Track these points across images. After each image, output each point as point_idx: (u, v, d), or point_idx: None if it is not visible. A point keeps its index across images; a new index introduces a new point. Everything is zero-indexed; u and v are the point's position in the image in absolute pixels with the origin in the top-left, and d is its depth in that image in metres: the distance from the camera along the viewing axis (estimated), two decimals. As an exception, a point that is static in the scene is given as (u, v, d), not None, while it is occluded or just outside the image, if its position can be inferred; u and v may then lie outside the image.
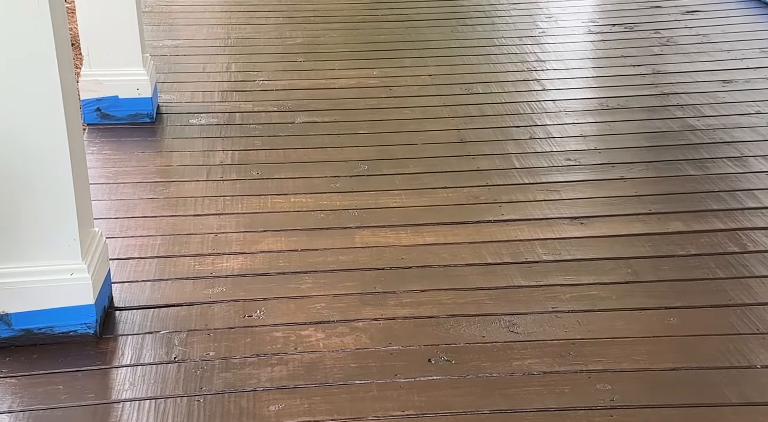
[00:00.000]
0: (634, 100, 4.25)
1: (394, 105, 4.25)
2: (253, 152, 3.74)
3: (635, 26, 5.29)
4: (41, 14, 2.21)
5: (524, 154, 3.71)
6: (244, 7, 5.72)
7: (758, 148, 3.73)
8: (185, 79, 4.54)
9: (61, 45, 2.32)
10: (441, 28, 5.32)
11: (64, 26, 2.37)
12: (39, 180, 2.37)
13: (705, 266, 2.90)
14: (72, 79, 2.44)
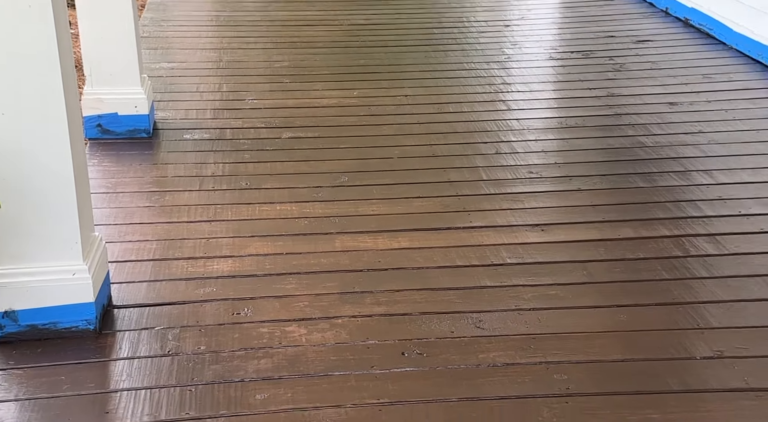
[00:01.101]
0: (590, 120, 4.26)
1: (373, 122, 4.24)
2: (242, 164, 3.72)
3: (591, 53, 5.30)
4: (48, 42, 2.23)
5: (491, 167, 3.71)
6: (235, 33, 5.69)
7: (700, 163, 3.75)
8: (180, 98, 4.50)
9: (66, 68, 2.33)
10: (416, 54, 5.31)
11: (69, 51, 2.37)
12: (45, 189, 2.37)
13: (652, 269, 2.92)
14: (75, 98, 2.44)
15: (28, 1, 2.18)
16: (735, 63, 5.08)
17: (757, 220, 3.25)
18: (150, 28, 5.72)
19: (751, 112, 4.35)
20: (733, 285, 2.82)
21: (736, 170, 3.68)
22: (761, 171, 3.68)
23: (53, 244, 2.43)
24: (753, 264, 2.96)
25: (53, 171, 2.36)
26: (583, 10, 6.30)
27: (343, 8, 6.31)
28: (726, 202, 3.39)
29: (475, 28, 5.84)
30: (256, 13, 6.19)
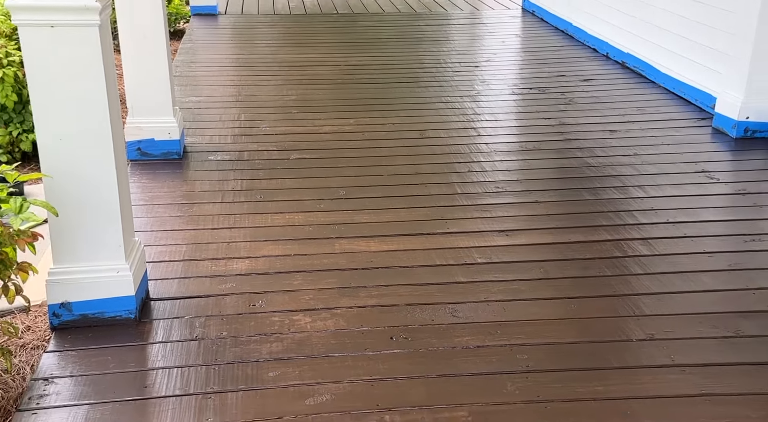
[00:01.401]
0: (546, 144, 4.26)
1: (366, 146, 4.23)
2: (257, 181, 3.71)
3: (546, 89, 5.31)
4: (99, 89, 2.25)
5: (464, 183, 3.71)
6: (251, 72, 5.67)
7: (635, 180, 3.76)
8: (206, 126, 4.48)
9: (113, 106, 2.34)
10: (402, 89, 5.30)
11: (115, 92, 2.38)
12: (95, 201, 2.37)
13: (597, 267, 2.93)
14: (120, 128, 2.45)
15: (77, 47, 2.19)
16: (663, 98, 5.10)
17: (681, 227, 3.27)
18: (181, 69, 5.70)
19: (675, 138, 4.37)
20: (662, 280, 2.84)
21: (664, 186, 3.69)
22: (684, 186, 3.69)
23: (101, 247, 2.43)
24: (678, 263, 2.97)
25: (102, 187, 2.36)
26: (539, 54, 6.31)
27: (341, 52, 6.30)
28: (656, 212, 3.40)
29: (451, 68, 5.84)
30: (268, 56, 6.17)
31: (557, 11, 7.15)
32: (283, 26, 7.32)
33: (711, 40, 4.68)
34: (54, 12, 2.14)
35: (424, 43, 6.70)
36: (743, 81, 4.24)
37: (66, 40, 2.18)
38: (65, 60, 2.20)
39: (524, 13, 7.90)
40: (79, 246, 2.42)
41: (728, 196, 3.64)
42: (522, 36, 7.06)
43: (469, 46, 6.73)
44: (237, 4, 8.26)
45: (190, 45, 6.49)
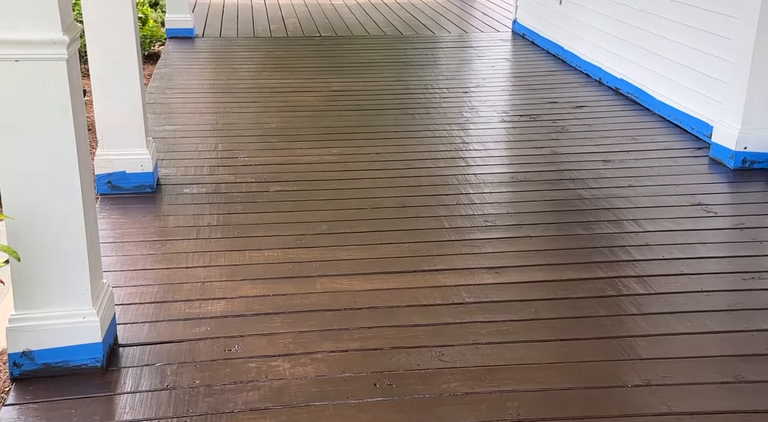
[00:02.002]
0: (537, 175, 4.28)
1: (349, 177, 4.23)
2: (235, 215, 3.69)
3: (537, 117, 5.34)
4: (65, 119, 2.24)
5: (452, 217, 3.71)
6: (230, 99, 5.68)
7: (630, 213, 3.78)
8: (181, 157, 4.47)
9: (80, 138, 2.34)
10: (387, 116, 5.31)
11: (83, 123, 2.38)
12: (60, 243, 2.36)
13: (590, 306, 2.93)
14: (88, 161, 2.44)
15: (43, 82, 2.19)
16: (658, 126, 5.16)
17: (678, 264, 3.28)
18: (155, 96, 5.70)
19: (671, 169, 4.41)
20: (658, 321, 2.84)
21: (660, 220, 3.71)
22: (680, 220, 3.72)
23: (66, 292, 2.40)
24: (674, 302, 2.98)
25: (67, 227, 2.35)
26: (530, 80, 6.38)
27: (324, 77, 6.34)
28: (652, 248, 3.42)
29: (438, 94, 5.88)
30: (248, 82, 6.20)
31: (548, 35, 7.27)
32: (264, 50, 7.37)
33: (708, 67, 4.76)
34: (19, 46, 2.14)
35: (410, 67, 6.76)
36: (740, 110, 4.31)
37: (31, 74, 2.18)
38: (30, 95, 2.20)
39: (514, 37, 8.02)
40: (42, 291, 2.39)
41: (726, 230, 3.68)
42: (512, 60, 7.15)
43: (457, 70, 6.80)
44: (215, 27, 8.32)
45: (165, 70, 6.51)
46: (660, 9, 5.31)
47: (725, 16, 4.53)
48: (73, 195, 2.31)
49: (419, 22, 8.77)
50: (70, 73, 2.24)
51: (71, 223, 2.35)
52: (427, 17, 9.05)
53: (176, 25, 7.63)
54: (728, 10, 4.49)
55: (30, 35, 2.14)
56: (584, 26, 6.50)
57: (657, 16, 5.35)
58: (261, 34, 8.06)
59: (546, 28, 7.33)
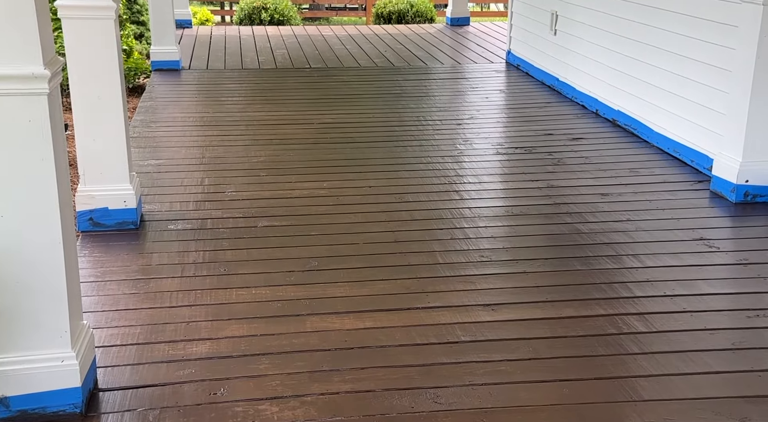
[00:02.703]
0: (533, 208, 4.30)
1: (340, 211, 4.23)
2: (221, 252, 3.69)
3: (533, 149, 5.38)
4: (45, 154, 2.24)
5: (446, 252, 3.72)
6: (217, 132, 5.71)
7: (630, 248, 3.79)
8: (165, 192, 4.47)
9: (61, 175, 2.33)
10: (379, 149, 5.34)
11: (64, 160, 2.38)
12: (38, 284, 2.34)
13: (590, 345, 2.92)
14: (68, 198, 2.43)
15: (23, 117, 2.20)
16: (656, 158, 5.19)
17: (680, 301, 3.29)
18: (140, 129, 5.72)
19: (671, 202, 4.43)
20: (660, 361, 2.83)
21: (660, 255, 3.73)
22: (681, 255, 3.73)
23: (44, 334, 2.38)
24: (677, 341, 2.98)
25: (46, 267, 2.33)
26: (525, 112, 6.45)
27: (314, 109, 6.39)
28: (653, 284, 3.43)
29: (431, 126, 5.93)
30: (236, 114, 6.24)
31: (543, 66, 7.36)
32: (252, 82, 7.44)
33: (706, 99, 4.81)
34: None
35: (402, 99, 6.83)
36: (741, 142, 4.35)
37: (11, 109, 2.18)
38: (9, 131, 2.21)
39: (508, 67, 8.13)
40: (18, 334, 2.37)
41: (729, 266, 3.69)
42: (506, 91, 7.23)
43: (450, 102, 6.86)
44: (202, 59, 8.40)
45: (150, 103, 6.55)
46: (656, 40, 5.39)
47: (723, 48, 4.61)
48: (53, 233, 2.31)
49: (411, 53, 8.88)
50: (52, 108, 2.24)
51: (50, 263, 2.33)
52: (419, 48, 9.17)
53: (162, 58, 7.69)
54: (725, 41, 4.57)
55: (9, 70, 2.14)
56: (579, 57, 6.59)
57: (654, 47, 5.43)
58: (249, 65, 8.14)
59: (540, 59, 7.43)
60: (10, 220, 2.28)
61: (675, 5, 5.14)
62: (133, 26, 9.03)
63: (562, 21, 6.92)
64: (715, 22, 4.68)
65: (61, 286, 2.36)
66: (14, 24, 2.12)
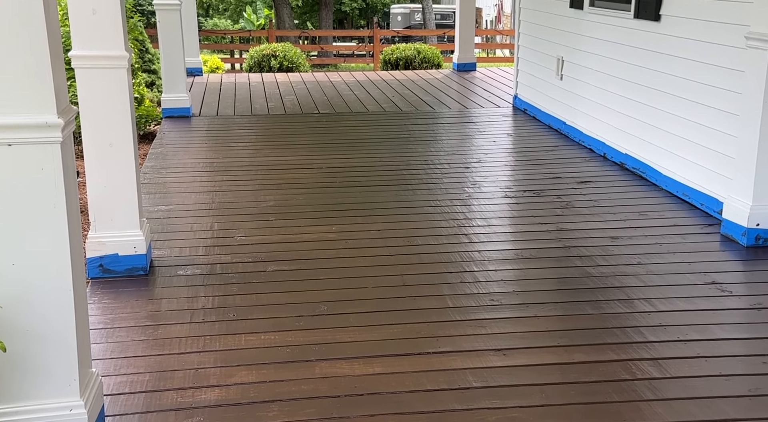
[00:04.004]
0: (543, 252, 4.28)
1: (349, 255, 4.23)
2: (230, 297, 3.67)
3: (541, 192, 5.38)
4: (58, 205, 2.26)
5: (456, 296, 3.69)
6: (226, 177, 5.74)
7: (641, 292, 3.76)
8: (175, 237, 4.48)
9: (73, 224, 2.34)
10: (387, 192, 5.36)
11: (75, 207, 2.39)
12: (47, 332, 2.33)
13: (603, 391, 2.87)
14: (79, 245, 2.44)
15: (36, 165, 2.22)
16: (665, 202, 5.18)
17: (694, 346, 3.24)
18: (150, 175, 5.77)
19: (681, 246, 4.40)
20: (675, 408, 2.78)
21: (673, 299, 3.69)
22: (694, 300, 3.69)
23: (53, 383, 2.36)
24: (692, 387, 2.93)
25: (56, 315, 2.33)
26: (532, 155, 6.47)
27: (322, 154, 6.44)
28: (666, 329, 3.39)
29: (439, 169, 5.95)
30: (245, 160, 6.29)
31: (550, 110, 7.42)
32: (262, 127, 7.52)
33: (714, 142, 4.81)
34: (12, 130, 2.18)
35: (410, 143, 6.87)
36: (750, 185, 4.33)
37: (24, 158, 2.21)
38: (22, 179, 2.23)
39: (515, 111, 8.19)
40: (27, 382, 2.35)
41: (743, 310, 3.64)
42: (514, 135, 7.28)
43: (458, 146, 6.90)
44: (212, 106, 8.51)
45: (161, 149, 6.61)
46: (663, 85, 5.42)
47: (730, 92, 4.62)
48: (64, 281, 2.31)
49: (419, 98, 8.98)
50: (64, 156, 2.27)
51: (60, 311, 2.33)
52: (427, 93, 9.26)
53: (173, 105, 7.80)
54: (733, 86, 4.59)
55: (23, 119, 2.17)
56: (586, 101, 6.64)
57: (661, 91, 5.46)
58: (259, 111, 8.23)
59: (547, 103, 7.49)
60: (22, 268, 2.28)
61: (681, 51, 5.18)
62: (145, 75, 9.17)
63: (568, 66, 6.99)
64: (722, 67, 4.72)
65: (70, 334, 2.35)
66: (29, 74, 2.16)
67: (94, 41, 3.61)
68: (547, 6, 7.47)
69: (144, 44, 9.23)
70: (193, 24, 9.98)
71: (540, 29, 7.68)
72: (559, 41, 7.18)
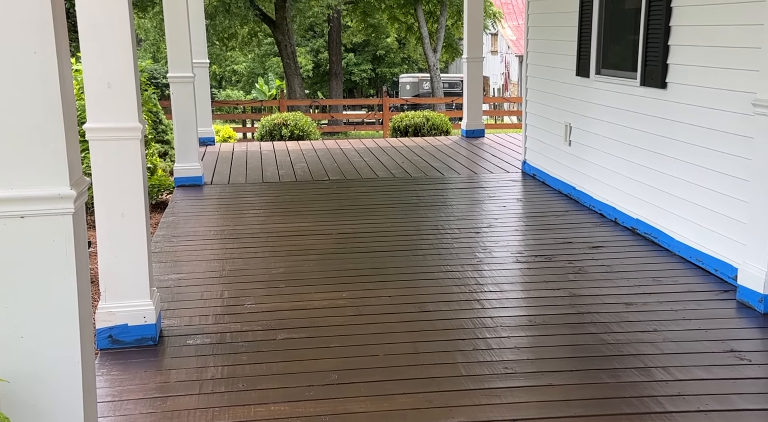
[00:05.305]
0: (557, 318, 4.22)
1: (360, 322, 4.18)
2: (240, 366, 3.62)
3: (553, 257, 5.34)
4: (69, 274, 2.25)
5: (469, 363, 3.63)
6: (237, 245, 5.75)
7: (658, 360, 3.68)
8: (185, 306, 4.45)
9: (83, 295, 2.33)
10: (398, 258, 5.33)
11: (86, 278, 2.38)
12: (54, 404, 2.29)
13: (624, 465, 2.80)
14: (89, 317, 2.41)
15: (47, 237, 2.22)
16: (679, 267, 5.12)
17: (715, 417, 3.15)
18: (161, 244, 5.78)
19: (697, 312, 4.33)
20: (700, 482, 2.69)
21: (691, 367, 3.60)
22: (712, 368, 3.59)
23: (58, 458, 2.30)
24: (717, 459, 2.84)
25: (64, 388, 2.29)
26: (543, 220, 6.46)
27: (333, 220, 6.45)
28: (685, 398, 3.30)
29: (450, 234, 5.94)
30: (256, 227, 6.30)
31: (559, 175, 7.44)
32: (272, 194, 7.57)
33: (727, 208, 4.78)
34: (25, 202, 2.18)
35: (420, 208, 6.89)
36: (765, 251, 4.27)
37: (36, 230, 2.21)
38: (33, 251, 2.22)
39: (524, 177, 8.22)
40: (32, 458, 2.29)
41: (764, 380, 3.54)
42: (523, 200, 7.28)
43: (468, 211, 6.90)
44: (224, 174, 8.60)
45: (172, 218, 6.65)
46: (673, 151, 5.43)
47: (740, 158, 4.62)
48: (73, 354, 2.28)
49: (428, 164, 9.05)
50: (76, 228, 2.27)
51: (68, 384, 2.29)
52: (436, 159, 9.34)
53: (185, 174, 7.88)
54: (742, 152, 4.58)
55: (38, 191, 2.19)
56: (595, 167, 6.65)
57: (670, 157, 5.45)
58: (270, 179, 8.31)
59: (556, 168, 7.52)
60: (30, 341, 2.26)
61: (689, 117, 5.20)
62: (158, 145, 9.31)
63: (576, 132, 7.05)
64: (730, 133, 4.72)
65: (77, 408, 2.31)
66: (44, 147, 2.18)
67: (108, 114, 3.67)
68: (553, 74, 7.59)
69: (158, 116, 9.41)
70: (206, 95, 10.19)
71: (547, 96, 7.78)
72: (566, 108, 7.26)
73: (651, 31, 5.60)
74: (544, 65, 7.84)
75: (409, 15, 25.60)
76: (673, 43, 5.39)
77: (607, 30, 6.47)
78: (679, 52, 5.33)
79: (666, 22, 5.40)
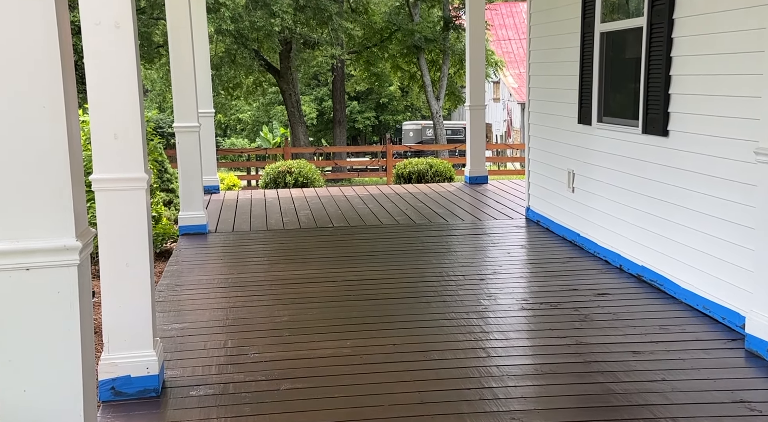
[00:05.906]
0: (563, 367, 4.17)
1: (365, 371, 4.13)
2: (243, 418, 3.56)
3: (558, 305, 5.31)
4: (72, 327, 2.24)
5: (476, 414, 3.57)
6: (241, 293, 5.73)
7: (667, 410, 3.62)
8: (188, 356, 4.41)
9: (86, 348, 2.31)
10: (402, 306, 5.30)
11: (89, 330, 2.37)
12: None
13: None
14: (92, 369, 2.39)
15: (52, 289, 2.22)
16: (686, 315, 5.07)
17: (729, 469, 3.10)
18: (165, 293, 5.76)
19: (705, 361, 4.27)
20: None
21: (701, 418, 3.54)
22: (723, 419, 3.53)
23: None
24: None
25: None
26: (548, 267, 6.43)
27: (337, 267, 6.44)
28: (697, 450, 3.25)
29: (454, 281, 5.91)
30: (260, 275, 6.29)
31: (563, 221, 7.44)
32: (276, 242, 7.57)
33: (731, 255, 4.75)
34: (30, 255, 2.19)
35: (424, 255, 6.87)
36: (771, 299, 4.25)
37: (41, 282, 2.21)
38: (37, 304, 2.22)
39: (528, 223, 8.22)
40: None
41: (775, 431, 3.49)
42: (528, 247, 7.26)
43: (472, 257, 6.88)
44: (228, 222, 8.62)
45: (176, 266, 6.63)
46: (675, 197, 5.42)
47: (744, 206, 4.61)
48: (75, 407, 2.25)
49: (432, 210, 9.06)
50: (81, 279, 2.27)
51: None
52: (440, 206, 9.36)
53: (189, 222, 7.90)
54: (746, 199, 4.57)
55: (43, 243, 2.19)
56: (599, 213, 6.66)
57: (673, 204, 5.45)
58: (274, 226, 8.32)
59: (560, 214, 7.53)
60: (33, 395, 2.23)
61: (691, 165, 5.21)
62: (163, 194, 9.37)
63: (579, 179, 7.08)
64: (733, 181, 4.72)
65: (77, 466, 2.27)
66: (50, 200, 2.20)
67: (114, 164, 3.69)
68: (555, 122, 7.66)
69: (163, 164, 9.49)
70: (211, 144, 10.28)
71: (550, 143, 7.84)
72: (568, 155, 7.30)
73: (651, 80, 5.67)
74: (546, 113, 7.91)
75: (411, 64, 26.01)
76: (674, 92, 5.44)
77: (608, 79, 6.55)
78: (680, 101, 5.37)
79: (666, 72, 5.47)
